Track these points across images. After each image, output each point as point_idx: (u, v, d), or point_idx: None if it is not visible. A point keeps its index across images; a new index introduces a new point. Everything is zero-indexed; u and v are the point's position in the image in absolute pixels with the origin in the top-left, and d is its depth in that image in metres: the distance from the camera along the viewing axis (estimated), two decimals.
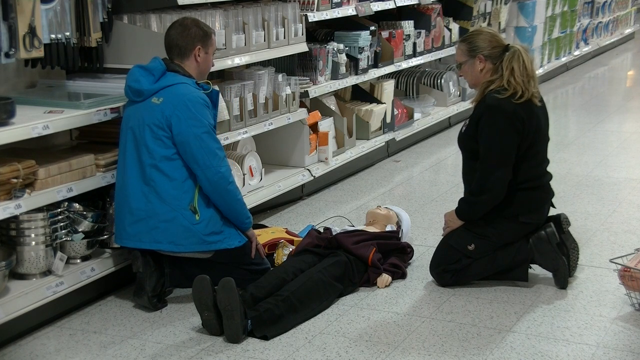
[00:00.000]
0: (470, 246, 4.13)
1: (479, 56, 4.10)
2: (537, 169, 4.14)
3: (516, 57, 4.03)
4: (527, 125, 4.01)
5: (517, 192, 4.08)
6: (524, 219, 4.11)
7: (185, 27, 4.00)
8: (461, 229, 4.18)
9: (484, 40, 4.11)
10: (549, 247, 4.11)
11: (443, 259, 4.21)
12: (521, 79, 4.00)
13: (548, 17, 10.23)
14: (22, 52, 3.83)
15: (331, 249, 4.22)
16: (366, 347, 3.60)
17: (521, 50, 4.07)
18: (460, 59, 4.19)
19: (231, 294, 3.57)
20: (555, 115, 8.97)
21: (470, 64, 4.13)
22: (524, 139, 4.02)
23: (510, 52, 4.06)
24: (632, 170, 6.43)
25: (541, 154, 4.16)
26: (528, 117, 4.01)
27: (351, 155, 6.20)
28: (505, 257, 4.16)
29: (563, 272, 4.13)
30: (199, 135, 3.85)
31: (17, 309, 3.60)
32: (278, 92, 5.26)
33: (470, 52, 4.13)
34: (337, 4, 6.03)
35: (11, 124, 3.59)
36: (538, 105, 4.08)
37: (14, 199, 3.58)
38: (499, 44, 4.11)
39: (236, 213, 4.01)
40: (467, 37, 4.19)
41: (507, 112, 3.96)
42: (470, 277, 4.21)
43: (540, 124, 4.09)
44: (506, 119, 3.97)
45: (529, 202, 4.11)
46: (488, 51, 4.09)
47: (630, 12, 14.60)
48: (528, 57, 4.07)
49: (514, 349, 3.57)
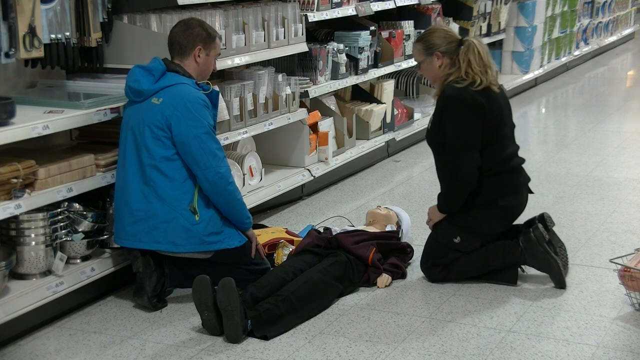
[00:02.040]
0: (456, 239, 4.20)
1: (436, 53, 4.20)
2: (505, 152, 4.20)
3: (471, 50, 4.13)
4: (488, 110, 4.09)
5: (491, 178, 4.16)
6: (503, 202, 4.17)
7: (190, 26, 4.00)
8: (445, 223, 4.25)
9: (438, 37, 4.21)
10: (539, 248, 4.15)
11: (431, 254, 4.29)
12: (478, 69, 4.11)
13: (548, 17, 10.23)
14: (22, 52, 3.83)
15: (331, 249, 4.22)
16: (366, 347, 3.60)
17: (475, 42, 4.17)
18: (419, 58, 4.29)
19: (231, 294, 3.57)
20: (555, 115, 8.98)
21: (429, 61, 4.23)
22: (487, 124, 4.10)
23: (465, 45, 4.16)
24: (632, 170, 6.43)
25: (507, 138, 4.23)
26: (488, 102, 4.09)
27: (351, 155, 6.20)
28: (495, 258, 4.19)
29: (557, 271, 4.15)
30: (198, 135, 3.85)
31: (17, 309, 3.60)
32: (278, 92, 5.26)
33: (427, 50, 4.23)
34: (337, 4, 6.03)
35: (11, 124, 3.59)
36: (497, 92, 4.16)
37: (14, 199, 3.58)
38: (453, 38, 4.22)
39: (236, 213, 4.01)
40: (423, 37, 4.29)
41: (467, 100, 4.06)
42: (459, 272, 4.25)
43: (501, 109, 4.18)
44: (466, 106, 4.06)
45: (505, 185, 4.18)
46: (444, 47, 4.19)
47: (630, 12, 14.61)
48: (483, 48, 4.18)
49: (514, 349, 3.57)
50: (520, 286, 4.21)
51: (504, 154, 4.18)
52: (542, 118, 8.97)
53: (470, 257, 4.22)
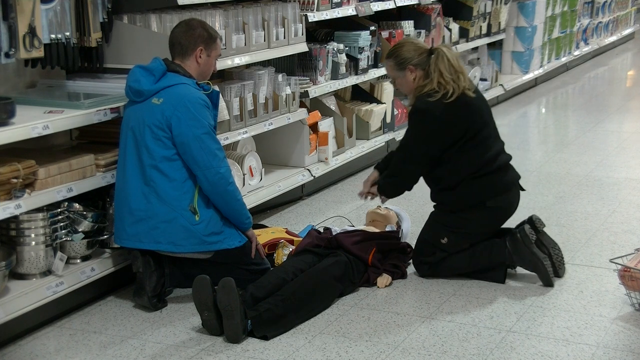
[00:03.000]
0: (443, 240, 4.25)
1: (409, 67, 4.24)
2: (488, 153, 4.22)
3: (441, 58, 4.16)
4: (463, 119, 4.12)
5: (477, 180, 4.19)
6: (491, 203, 4.20)
7: (191, 27, 4.00)
8: (434, 224, 4.32)
9: (408, 50, 4.25)
10: (525, 248, 4.17)
11: (419, 252, 4.35)
12: (450, 78, 4.13)
13: (548, 17, 10.23)
14: (22, 52, 3.83)
15: (331, 249, 4.22)
16: (366, 347, 3.60)
17: (444, 50, 4.20)
18: (392, 74, 4.35)
19: (231, 294, 3.57)
20: (555, 115, 8.98)
21: (402, 76, 4.28)
22: (465, 132, 4.13)
23: (434, 54, 4.19)
24: (632, 170, 6.43)
25: (490, 139, 4.26)
26: (463, 110, 4.12)
27: (351, 155, 6.20)
28: (482, 257, 4.23)
29: (543, 271, 4.18)
30: (198, 136, 3.85)
31: (17, 309, 3.60)
32: (278, 92, 5.26)
33: (399, 65, 4.26)
34: (337, 4, 6.03)
35: (11, 124, 3.59)
36: (472, 96, 4.19)
37: (14, 199, 3.58)
38: (423, 50, 4.26)
39: (236, 213, 4.01)
40: (392, 52, 4.32)
41: (436, 116, 4.10)
42: (447, 271, 4.30)
43: (481, 111, 4.22)
44: (433, 121, 4.10)
45: (491, 187, 4.21)
46: (416, 60, 4.22)
47: (630, 12, 14.61)
48: (452, 53, 4.21)
49: (514, 349, 3.57)
50: (520, 286, 4.21)
51: (488, 155, 4.20)
52: (542, 118, 8.98)
53: (458, 256, 4.28)
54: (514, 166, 4.36)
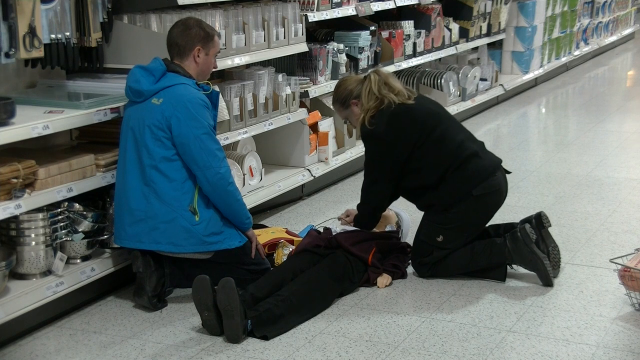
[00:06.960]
0: (439, 238, 4.25)
1: (352, 102, 4.37)
2: (453, 144, 4.24)
3: (365, 85, 4.30)
4: (410, 127, 4.18)
5: (455, 173, 4.21)
6: (477, 191, 4.21)
7: (187, 26, 4.00)
8: (427, 223, 4.34)
9: (345, 88, 4.39)
10: (525, 247, 4.17)
11: (418, 253, 4.35)
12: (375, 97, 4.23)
13: (548, 17, 10.23)
14: (22, 52, 3.83)
15: (331, 249, 4.22)
16: (366, 347, 3.60)
17: (371, 74, 4.33)
18: (343, 116, 4.49)
19: (231, 294, 3.57)
20: (555, 115, 8.98)
21: (351, 112, 4.41)
22: (418, 137, 4.18)
23: (365, 81, 4.31)
24: (632, 170, 6.43)
25: (449, 131, 4.28)
26: (405, 120, 4.20)
27: (351, 155, 6.20)
28: (482, 256, 4.24)
29: (543, 270, 4.18)
30: (198, 136, 3.85)
31: (17, 309, 3.60)
32: (278, 92, 5.26)
33: (344, 105, 4.41)
34: (337, 4, 6.03)
35: (11, 124, 3.59)
36: (411, 103, 4.26)
37: (14, 199, 3.58)
38: (359, 80, 4.39)
39: (236, 213, 4.01)
40: (334, 97, 4.48)
41: (380, 135, 4.19)
42: (447, 270, 4.30)
43: (430, 111, 4.29)
44: (382, 143, 4.21)
45: (471, 175, 4.22)
46: (355, 92, 4.34)
47: (630, 12, 14.61)
48: (383, 74, 4.34)
49: (514, 349, 3.57)
50: (520, 286, 4.21)
51: (452, 146, 4.23)
52: (542, 118, 8.98)
53: (457, 256, 4.27)
54: (496, 155, 4.40)
